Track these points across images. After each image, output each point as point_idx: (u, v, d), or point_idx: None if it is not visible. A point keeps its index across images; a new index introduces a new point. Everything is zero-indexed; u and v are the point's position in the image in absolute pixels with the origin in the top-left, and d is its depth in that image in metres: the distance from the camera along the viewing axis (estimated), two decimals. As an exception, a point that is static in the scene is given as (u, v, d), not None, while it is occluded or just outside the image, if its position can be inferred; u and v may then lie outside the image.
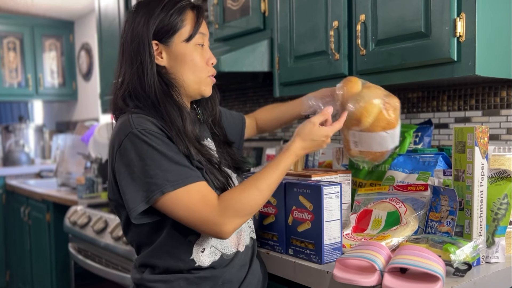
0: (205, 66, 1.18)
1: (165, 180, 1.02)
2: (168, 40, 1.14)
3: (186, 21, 1.15)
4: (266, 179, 1.10)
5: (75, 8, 4.25)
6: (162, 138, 1.06)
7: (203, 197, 1.04)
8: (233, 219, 1.05)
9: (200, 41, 1.17)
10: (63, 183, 3.25)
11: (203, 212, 1.04)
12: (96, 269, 2.28)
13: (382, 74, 1.48)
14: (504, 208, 1.18)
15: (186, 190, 1.03)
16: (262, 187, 1.08)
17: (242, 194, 1.07)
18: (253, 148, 2.41)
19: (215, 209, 1.04)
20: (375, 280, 1.02)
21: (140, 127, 1.05)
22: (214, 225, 1.04)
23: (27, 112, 5.21)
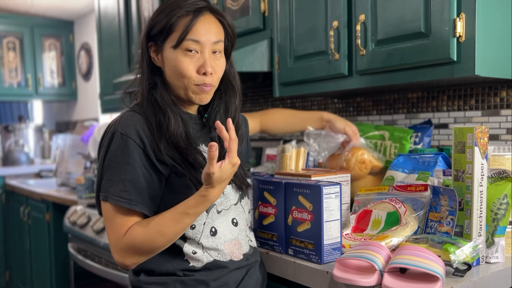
0: (191, 75, 1.13)
1: (106, 188, 1.08)
2: (162, 43, 1.15)
3: (178, 26, 1.12)
4: (172, 226, 1.06)
5: (75, 8, 4.25)
6: (131, 147, 1.07)
7: (120, 225, 1.07)
8: (131, 257, 1.08)
9: (192, 47, 1.12)
10: (62, 183, 3.24)
11: (112, 237, 1.09)
12: (95, 269, 2.28)
13: (382, 74, 1.48)
14: (504, 208, 1.18)
15: (114, 209, 1.07)
16: (166, 233, 1.06)
17: (146, 236, 1.06)
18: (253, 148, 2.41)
19: (120, 242, 1.07)
20: (374, 280, 1.02)
21: (121, 129, 1.09)
22: (117, 254, 1.08)
23: (27, 112, 5.21)
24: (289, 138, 2.29)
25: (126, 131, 1.08)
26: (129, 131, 1.08)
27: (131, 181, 1.06)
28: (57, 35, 4.59)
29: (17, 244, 3.75)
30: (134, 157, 1.07)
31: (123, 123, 1.10)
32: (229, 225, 1.18)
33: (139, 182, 1.07)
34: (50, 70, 4.57)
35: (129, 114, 1.12)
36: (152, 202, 1.10)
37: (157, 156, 1.09)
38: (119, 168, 1.07)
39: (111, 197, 1.06)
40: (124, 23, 2.90)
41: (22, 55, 4.41)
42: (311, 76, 1.70)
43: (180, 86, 1.14)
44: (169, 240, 1.08)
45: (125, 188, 1.06)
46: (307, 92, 1.76)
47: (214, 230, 1.15)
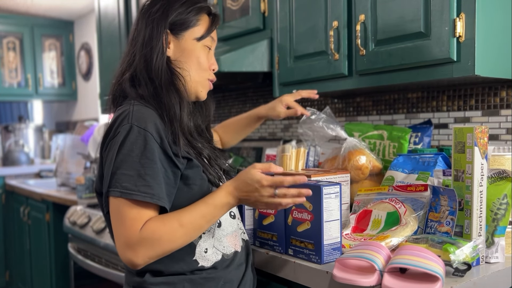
0: (207, 68, 1.22)
1: (119, 183, 1.01)
2: (180, 33, 1.18)
3: (201, 21, 1.20)
4: (190, 213, 1.05)
5: (75, 8, 4.25)
6: (149, 142, 1.03)
7: (135, 220, 1.01)
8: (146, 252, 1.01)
9: (209, 44, 1.22)
10: (62, 183, 3.24)
11: (124, 234, 1.01)
12: (95, 269, 2.28)
13: (382, 74, 1.48)
14: (504, 208, 1.18)
15: (128, 204, 1.01)
16: (184, 221, 1.03)
17: (164, 228, 1.02)
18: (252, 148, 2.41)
19: (134, 237, 1.00)
20: (374, 280, 1.02)
21: (137, 123, 1.04)
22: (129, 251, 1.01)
23: (27, 112, 5.21)
24: (289, 138, 2.29)
25: (144, 125, 1.04)
26: (146, 125, 1.04)
27: (152, 175, 1.02)
28: (57, 35, 4.59)
29: (17, 244, 3.75)
30: (154, 151, 1.03)
31: (138, 116, 1.05)
32: (228, 218, 1.20)
33: (160, 176, 1.04)
34: (50, 70, 4.57)
35: (141, 107, 1.08)
36: (169, 198, 1.06)
37: (174, 150, 1.07)
38: (138, 163, 1.02)
39: (129, 192, 1.01)
40: (124, 23, 2.90)
41: (22, 55, 4.41)
42: (311, 76, 1.70)
43: (194, 77, 1.19)
44: (189, 232, 1.04)
45: (147, 183, 1.01)
46: (307, 92, 1.76)
47: (219, 222, 1.17)
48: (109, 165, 1.04)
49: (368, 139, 1.61)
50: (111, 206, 1.04)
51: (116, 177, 1.02)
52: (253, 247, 1.36)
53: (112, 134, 1.06)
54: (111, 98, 1.20)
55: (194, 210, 1.05)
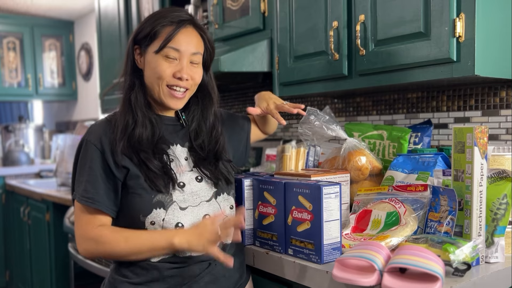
0: (165, 76, 1.22)
1: (77, 189, 1.20)
2: (146, 48, 1.25)
3: (162, 33, 1.22)
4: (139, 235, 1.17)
5: (75, 8, 4.25)
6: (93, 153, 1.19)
7: (86, 221, 1.19)
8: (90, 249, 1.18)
9: (171, 55, 1.22)
10: (62, 183, 3.24)
11: (78, 231, 1.20)
12: (95, 268, 2.28)
13: (382, 74, 1.48)
14: (504, 208, 1.18)
15: (80, 207, 1.19)
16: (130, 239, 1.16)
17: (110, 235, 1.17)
18: (253, 148, 2.41)
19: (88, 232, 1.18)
20: (374, 280, 1.02)
21: (87, 136, 1.21)
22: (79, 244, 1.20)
23: (27, 112, 5.21)
24: (289, 138, 2.29)
25: (90, 137, 1.21)
26: (92, 137, 1.20)
27: (89, 181, 1.18)
28: (57, 35, 4.59)
29: (17, 244, 3.75)
30: (94, 160, 1.19)
31: (90, 130, 1.23)
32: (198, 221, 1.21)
33: (97, 182, 1.18)
34: (50, 70, 4.57)
35: (100, 121, 1.26)
36: (111, 202, 1.20)
37: (115, 159, 1.19)
38: (82, 170, 1.19)
39: (78, 196, 1.19)
40: (124, 23, 2.90)
41: (22, 55, 4.41)
42: (311, 76, 1.70)
43: (155, 87, 1.24)
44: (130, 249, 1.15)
45: (86, 188, 1.18)
46: (307, 92, 1.76)
47: (181, 226, 1.19)
48: (72, 173, 1.26)
49: (368, 139, 1.61)
50: (74, 207, 1.23)
51: (75, 184, 1.22)
52: (253, 247, 1.37)
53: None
54: None
55: (141, 235, 1.17)
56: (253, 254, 1.35)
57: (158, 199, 1.18)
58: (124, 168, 1.19)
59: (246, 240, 1.38)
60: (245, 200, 1.36)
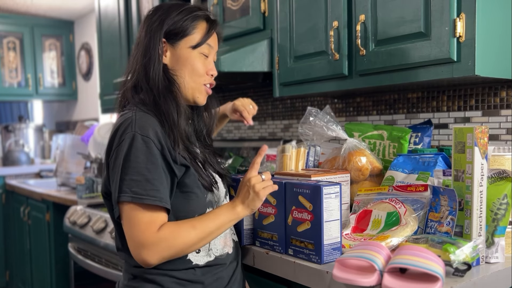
0: (203, 74, 1.24)
1: (128, 188, 1.07)
2: (176, 42, 1.21)
3: (197, 29, 1.22)
4: (202, 218, 1.13)
5: (75, 8, 4.25)
6: (152, 149, 1.09)
7: (153, 221, 1.08)
8: (161, 253, 1.08)
9: (205, 52, 1.24)
10: (62, 183, 3.24)
11: (139, 236, 1.07)
12: (95, 269, 2.28)
13: (382, 74, 1.48)
14: (504, 208, 1.18)
15: (140, 207, 1.07)
16: (196, 225, 1.11)
17: (178, 229, 1.10)
18: (252, 148, 2.41)
19: (152, 239, 1.07)
20: (374, 280, 1.02)
21: (140, 131, 1.09)
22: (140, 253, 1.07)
23: (27, 112, 5.21)
24: (289, 138, 2.29)
25: (146, 133, 1.09)
26: (148, 132, 1.10)
27: (159, 180, 1.09)
28: (57, 35, 4.59)
29: (17, 244, 3.75)
30: (157, 157, 1.09)
31: (140, 124, 1.10)
32: None
33: (164, 181, 1.10)
34: (50, 70, 4.57)
35: (142, 114, 1.13)
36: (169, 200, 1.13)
37: (173, 156, 1.12)
38: (144, 168, 1.08)
39: (139, 196, 1.06)
40: (124, 23, 2.90)
41: (22, 55, 4.41)
42: (311, 76, 1.70)
43: (189, 83, 1.23)
44: (201, 235, 1.11)
45: (155, 187, 1.08)
46: (307, 92, 1.76)
47: None
48: (117, 172, 1.09)
49: (368, 139, 1.61)
50: (123, 211, 1.09)
51: (125, 183, 1.07)
52: (253, 247, 1.36)
53: (116, 142, 1.11)
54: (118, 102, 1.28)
55: (205, 216, 1.13)
56: (253, 254, 1.35)
57: (209, 198, 1.20)
58: (182, 166, 1.14)
59: (246, 240, 1.38)
60: (245, 200, 1.36)
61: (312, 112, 1.55)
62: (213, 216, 1.14)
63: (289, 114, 2.34)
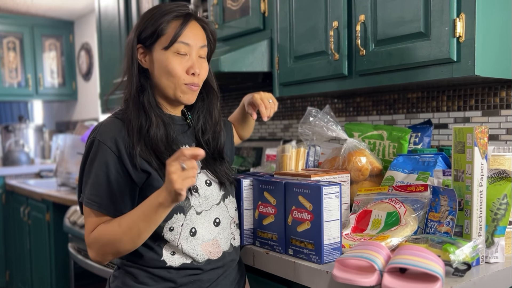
0: (181, 74, 1.19)
1: (84, 191, 1.15)
2: (151, 45, 1.20)
3: (170, 28, 1.18)
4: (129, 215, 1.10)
5: (75, 8, 4.25)
6: (107, 155, 1.13)
7: (92, 224, 1.15)
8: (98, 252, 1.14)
9: (181, 51, 1.18)
10: (63, 183, 3.24)
11: (86, 234, 1.16)
12: (95, 268, 2.28)
13: (382, 74, 1.48)
14: (504, 208, 1.18)
15: (88, 210, 1.15)
16: (122, 223, 1.10)
17: (106, 229, 1.12)
18: (253, 148, 2.41)
19: (89, 237, 1.15)
20: (374, 280, 1.02)
21: (99, 137, 1.14)
22: (89, 251, 1.16)
23: (27, 112, 5.21)
24: (289, 138, 2.29)
25: (104, 138, 1.14)
26: (106, 138, 1.14)
27: (101, 185, 1.13)
28: (57, 35, 4.59)
29: (17, 244, 3.75)
30: (108, 163, 1.12)
31: (102, 130, 1.16)
32: (209, 226, 1.21)
33: (110, 187, 1.13)
34: (50, 70, 4.57)
35: (110, 120, 1.19)
36: (124, 208, 1.14)
37: (132, 162, 1.13)
38: (93, 173, 1.13)
39: (85, 199, 1.14)
40: (124, 23, 2.90)
41: (22, 55, 4.41)
42: (311, 76, 1.70)
43: (169, 85, 1.20)
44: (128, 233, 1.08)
45: (95, 192, 1.13)
46: (307, 92, 1.76)
47: (194, 231, 1.19)
48: (80, 173, 1.19)
49: (368, 139, 1.61)
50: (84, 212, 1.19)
51: (82, 185, 1.17)
52: (253, 247, 1.36)
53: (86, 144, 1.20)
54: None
55: (132, 213, 1.10)
56: (253, 254, 1.35)
57: (178, 204, 1.14)
58: (144, 172, 1.13)
59: (246, 240, 1.38)
60: (243, 200, 1.36)
61: (312, 112, 1.55)
62: (138, 211, 1.08)
63: (289, 114, 2.34)
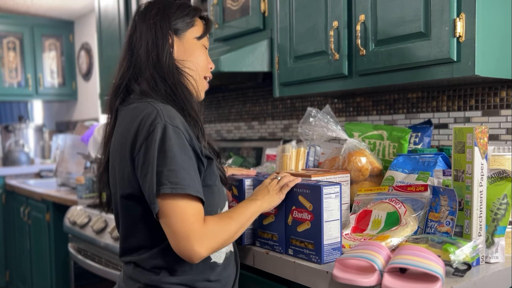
0: (206, 65, 1.27)
1: (167, 180, 1.01)
2: (182, 33, 1.22)
3: (197, 22, 1.25)
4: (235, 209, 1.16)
5: (75, 8, 4.25)
6: (183, 139, 1.05)
7: (198, 213, 1.04)
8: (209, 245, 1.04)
9: (206, 44, 1.27)
10: (62, 183, 3.24)
11: (191, 227, 1.02)
12: (95, 269, 2.28)
13: (382, 74, 1.48)
14: (504, 208, 1.18)
15: (183, 199, 1.03)
16: (233, 216, 1.13)
17: (220, 221, 1.09)
18: (252, 148, 2.41)
19: (200, 232, 1.03)
20: (374, 280, 1.02)
21: (170, 121, 1.05)
22: (192, 247, 1.02)
23: (27, 112, 5.21)
24: (289, 138, 2.29)
25: (175, 123, 1.06)
26: (177, 123, 1.06)
27: (194, 171, 1.06)
28: (57, 35, 4.59)
29: (17, 244, 3.75)
30: (188, 148, 1.06)
31: (168, 114, 1.06)
32: None
33: (194, 172, 1.06)
34: (50, 70, 4.57)
35: (163, 106, 1.09)
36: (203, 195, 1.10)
37: (200, 147, 1.09)
38: (180, 159, 1.03)
39: (177, 187, 1.01)
40: (124, 23, 2.90)
41: (22, 55, 4.41)
42: (311, 76, 1.70)
43: (196, 75, 1.22)
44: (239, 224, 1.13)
45: (192, 178, 1.04)
46: (307, 92, 1.76)
47: None
48: (151, 165, 1.03)
49: (368, 139, 1.61)
50: (164, 205, 1.03)
51: (163, 175, 1.02)
52: (253, 247, 1.37)
53: (144, 134, 1.05)
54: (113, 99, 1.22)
55: (236, 209, 1.16)
56: (253, 254, 1.35)
57: (225, 192, 1.23)
58: (206, 158, 1.12)
59: (246, 240, 1.38)
60: (245, 200, 1.36)
61: (312, 112, 1.55)
62: (243, 208, 1.16)
63: (289, 114, 2.34)
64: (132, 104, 1.15)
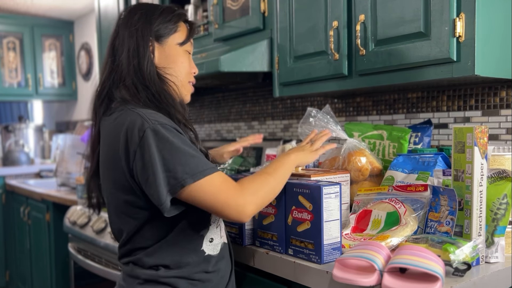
0: (189, 71, 1.27)
1: (184, 173, 1.04)
2: (164, 40, 1.22)
3: (180, 27, 1.25)
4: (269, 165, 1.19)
5: (75, 8, 4.25)
6: (176, 132, 1.07)
7: (224, 182, 1.07)
8: (252, 199, 1.08)
9: (189, 49, 1.27)
10: (62, 183, 3.24)
11: (225, 195, 1.06)
12: (95, 269, 2.28)
13: (382, 74, 1.48)
14: (504, 208, 1.18)
15: (206, 180, 1.05)
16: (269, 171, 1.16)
17: (254, 178, 1.13)
18: (253, 148, 2.41)
19: (236, 191, 1.07)
20: (374, 280, 1.02)
21: (157, 121, 1.06)
22: (237, 206, 1.06)
23: (27, 112, 5.21)
24: (289, 138, 2.29)
25: (162, 121, 1.07)
26: (164, 121, 1.08)
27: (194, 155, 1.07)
28: (57, 35, 4.59)
29: (17, 244, 3.75)
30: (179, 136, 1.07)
31: (153, 117, 1.08)
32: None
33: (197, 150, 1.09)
34: (50, 70, 4.57)
35: (146, 111, 1.10)
36: None
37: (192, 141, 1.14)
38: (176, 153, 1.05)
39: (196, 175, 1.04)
40: (124, 23, 2.90)
41: (22, 55, 4.41)
42: (311, 76, 1.70)
43: (179, 80, 1.23)
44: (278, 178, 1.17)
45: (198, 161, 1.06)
46: (307, 92, 1.76)
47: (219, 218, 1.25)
48: (155, 169, 1.04)
49: (368, 139, 1.61)
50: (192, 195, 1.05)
51: (173, 174, 1.04)
52: (253, 247, 1.37)
53: (134, 141, 1.06)
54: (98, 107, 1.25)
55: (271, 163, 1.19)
56: (253, 254, 1.35)
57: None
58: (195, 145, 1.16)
59: (246, 240, 1.38)
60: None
61: (312, 112, 1.55)
62: (277, 163, 1.19)
63: (289, 114, 2.34)
64: (112, 114, 1.17)
